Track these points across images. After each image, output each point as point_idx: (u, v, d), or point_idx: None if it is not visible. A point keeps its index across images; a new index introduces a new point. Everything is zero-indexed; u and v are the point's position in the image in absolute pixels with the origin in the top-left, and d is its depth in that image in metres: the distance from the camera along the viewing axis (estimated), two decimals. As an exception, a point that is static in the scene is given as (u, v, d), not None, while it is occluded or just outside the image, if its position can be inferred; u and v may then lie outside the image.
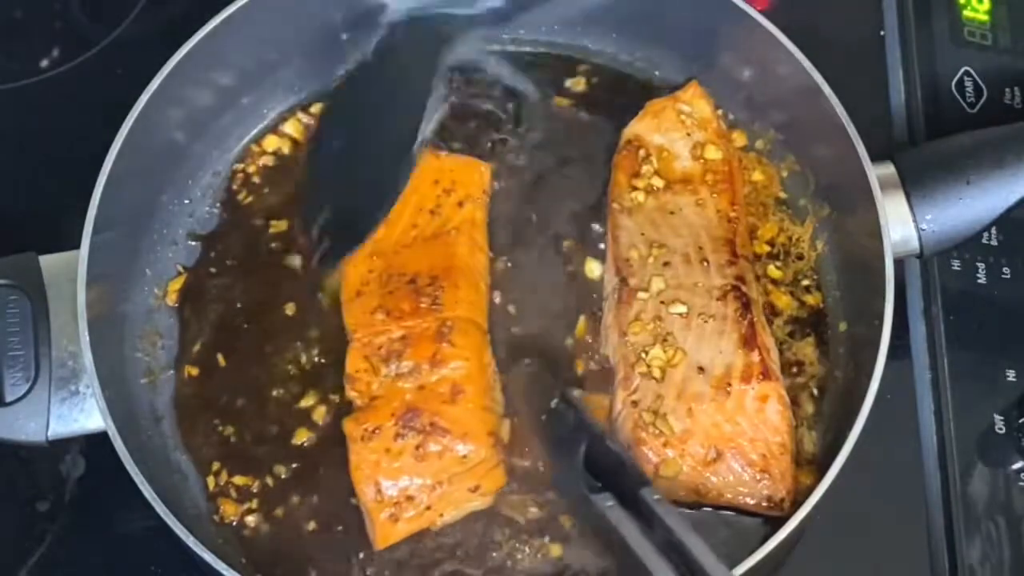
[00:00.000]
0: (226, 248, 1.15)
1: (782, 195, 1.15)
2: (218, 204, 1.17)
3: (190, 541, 0.94)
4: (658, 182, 1.11)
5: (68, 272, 1.02)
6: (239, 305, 1.12)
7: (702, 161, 1.12)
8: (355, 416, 1.02)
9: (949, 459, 1.09)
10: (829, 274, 1.12)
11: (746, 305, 1.04)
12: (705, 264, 1.07)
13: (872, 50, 1.29)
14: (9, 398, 1.00)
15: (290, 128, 1.20)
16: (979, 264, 1.16)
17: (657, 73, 1.21)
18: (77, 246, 1.02)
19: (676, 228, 1.09)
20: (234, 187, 1.17)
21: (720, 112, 1.16)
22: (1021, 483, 1.08)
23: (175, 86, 1.09)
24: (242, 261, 1.14)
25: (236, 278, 1.13)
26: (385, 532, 1.00)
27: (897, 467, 1.10)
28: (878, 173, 1.05)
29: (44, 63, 1.30)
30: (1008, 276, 1.15)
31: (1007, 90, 1.24)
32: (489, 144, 1.17)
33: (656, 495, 0.91)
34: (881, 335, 0.99)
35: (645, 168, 1.12)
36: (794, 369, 1.09)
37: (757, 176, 1.16)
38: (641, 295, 1.06)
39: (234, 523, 1.04)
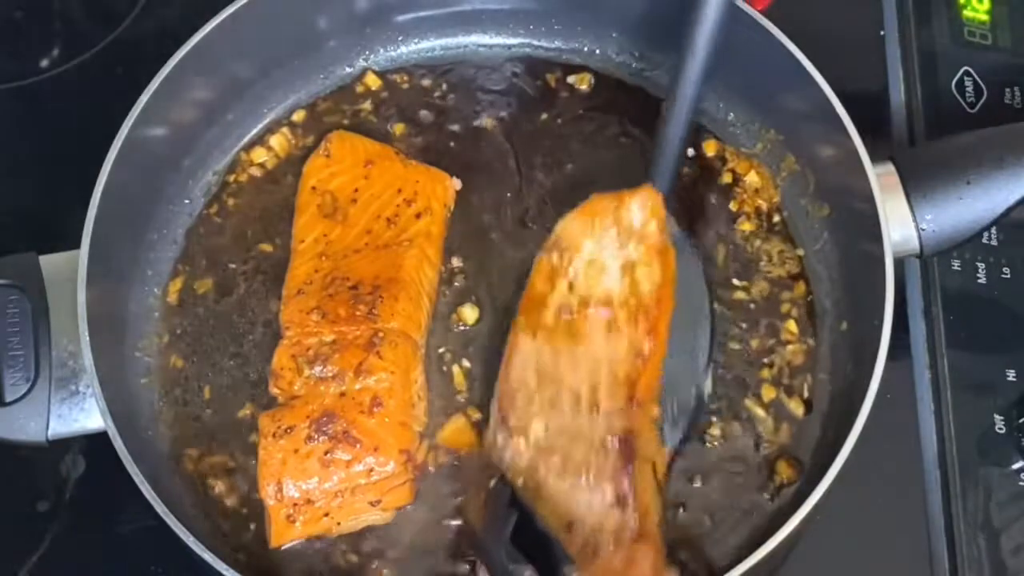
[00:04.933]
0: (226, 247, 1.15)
1: (775, 199, 1.15)
2: (218, 204, 1.17)
3: (190, 541, 0.94)
4: (572, 300, 1.02)
5: (68, 272, 1.02)
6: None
7: (628, 281, 1.02)
8: (272, 412, 1.03)
9: (949, 459, 1.09)
10: (827, 286, 1.12)
11: (628, 460, 0.97)
12: (594, 411, 0.99)
13: (872, 50, 1.29)
14: (9, 398, 1.00)
15: (297, 119, 1.20)
16: (979, 264, 1.16)
17: (656, 73, 1.21)
18: (77, 246, 1.02)
19: (577, 360, 1.01)
20: (234, 186, 1.17)
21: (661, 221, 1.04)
22: (1021, 483, 1.08)
23: (176, 85, 1.09)
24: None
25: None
26: (280, 531, 1.01)
27: (897, 467, 1.10)
28: (878, 173, 1.04)
29: (44, 63, 1.30)
30: (1008, 276, 1.15)
31: (1007, 90, 1.24)
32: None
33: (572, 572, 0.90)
34: (881, 335, 0.99)
35: (560, 284, 1.03)
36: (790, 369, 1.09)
37: (752, 178, 1.16)
38: (519, 442, 1.00)
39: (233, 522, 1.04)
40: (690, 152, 1.17)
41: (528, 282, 1.05)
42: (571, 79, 1.22)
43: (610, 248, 1.03)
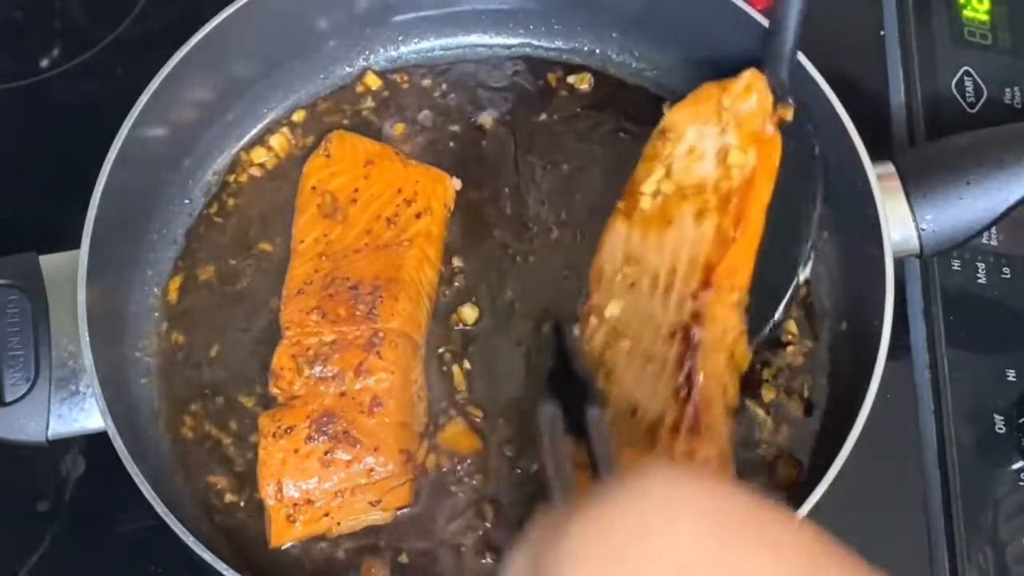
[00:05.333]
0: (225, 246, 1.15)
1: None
2: (218, 203, 1.17)
3: (190, 541, 0.94)
4: (668, 186, 1.03)
5: (68, 272, 1.02)
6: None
7: (723, 166, 1.03)
8: (272, 412, 1.03)
9: (949, 459, 1.09)
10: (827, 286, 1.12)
11: (692, 349, 0.96)
12: (668, 293, 0.99)
13: (872, 50, 1.29)
14: (9, 398, 1.00)
15: (297, 119, 1.20)
16: (979, 264, 1.16)
17: (656, 73, 1.21)
18: (77, 246, 1.02)
19: (663, 243, 1.01)
20: (234, 186, 1.17)
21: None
22: (1021, 483, 1.08)
23: (176, 85, 1.09)
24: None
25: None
26: (280, 531, 1.01)
27: (897, 467, 1.10)
28: (878, 173, 1.04)
29: (44, 63, 1.30)
30: (1008, 276, 1.15)
31: (1007, 90, 1.24)
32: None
33: (598, 414, 0.83)
34: (881, 335, 0.99)
35: (657, 169, 1.04)
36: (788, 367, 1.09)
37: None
38: (593, 320, 1.01)
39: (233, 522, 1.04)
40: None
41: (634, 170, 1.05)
42: (571, 79, 1.22)
43: (709, 134, 1.03)
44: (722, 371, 0.98)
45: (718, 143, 1.03)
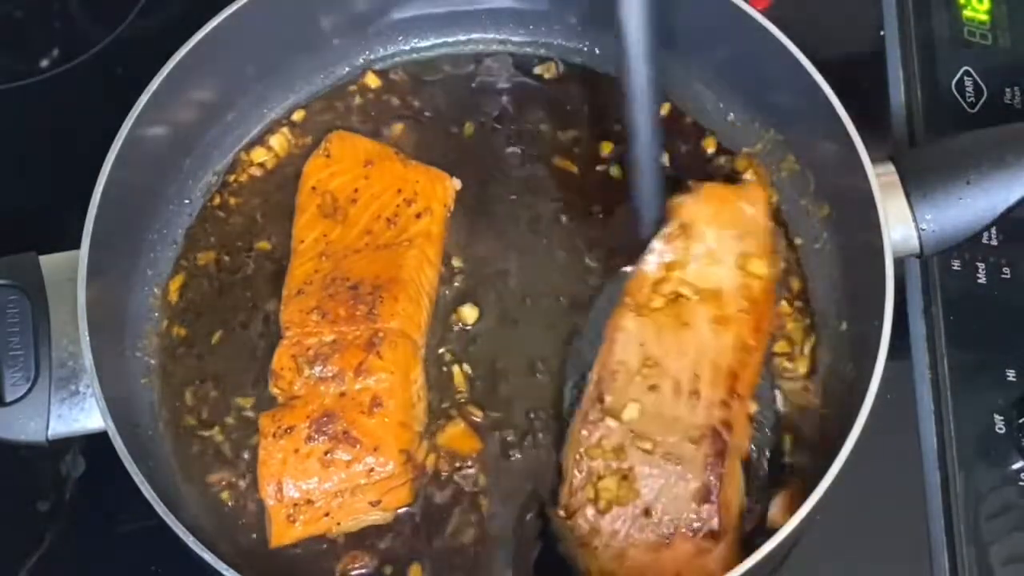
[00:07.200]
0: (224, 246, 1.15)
1: (775, 198, 1.15)
2: (218, 203, 1.17)
3: (190, 541, 0.94)
4: (683, 287, 1.04)
5: (68, 272, 1.02)
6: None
7: (743, 273, 1.05)
8: (272, 412, 1.03)
9: (949, 459, 1.09)
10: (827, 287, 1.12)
11: (720, 454, 0.98)
12: (695, 398, 1.00)
13: (872, 50, 1.29)
14: (9, 398, 1.01)
15: (297, 119, 1.20)
16: (979, 264, 1.16)
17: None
18: (77, 246, 1.02)
19: (682, 346, 1.02)
20: (235, 186, 1.17)
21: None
22: (1021, 483, 1.08)
23: (176, 85, 1.09)
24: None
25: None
26: (280, 531, 1.01)
27: (897, 467, 1.10)
28: (878, 173, 1.04)
29: (44, 63, 1.31)
30: (1008, 276, 1.15)
31: (1007, 90, 1.24)
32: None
33: None
34: (881, 335, 0.99)
35: (673, 269, 1.05)
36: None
37: (751, 177, 1.15)
38: (610, 422, 1.00)
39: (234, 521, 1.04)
40: (689, 150, 1.17)
41: (638, 263, 1.06)
42: (571, 78, 1.22)
43: (727, 238, 1.05)
44: (738, 474, 1.00)
45: (737, 249, 1.05)
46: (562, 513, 0.99)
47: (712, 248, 1.05)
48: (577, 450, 1.00)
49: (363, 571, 1.02)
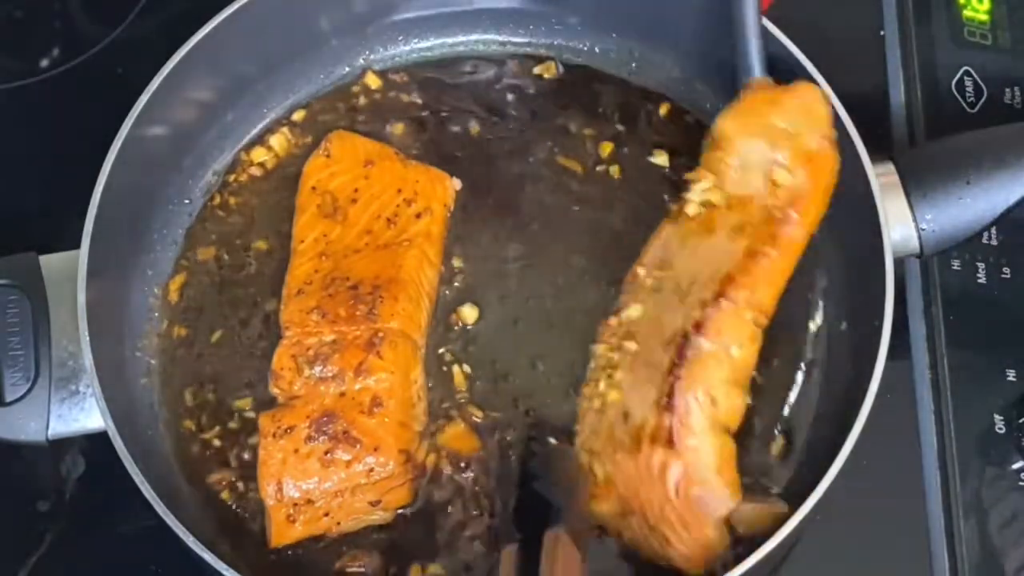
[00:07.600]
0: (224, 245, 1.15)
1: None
2: (218, 203, 1.17)
3: (190, 541, 0.94)
4: (717, 196, 1.01)
5: (68, 272, 1.02)
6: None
7: (769, 183, 1.00)
8: (272, 412, 1.03)
9: (949, 459, 1.09)
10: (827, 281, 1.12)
11: (682, 357, 0.95)
12: (684, 300, 0.98)
13: (872, 50, 1.29)
14: (9, 398, 1.01)
15: (297, 119, 1.20)
16: (979, 264, 1.16)
17: (655, 72, 1.21)
18: (77, 246, 1.02)
19: (698, 251, 1.01)
20: (235, 186, 1.17)
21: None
22: (1021, 483, 1.08)
23: (176, 85, 1.10)
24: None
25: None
26: (280, 531, 1.01)
27: (897, 467, 1.10)
28: (878, 173, 1.04)
29: (44, 63, 1.31)
30: (1008, 276, 1.15)
31: (1007, 90, 1.24)
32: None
33: None
34: (881, 335, 0.99)
35: (708, 178, 1.02)
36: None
37: None
38: (612, 319, 1.02)
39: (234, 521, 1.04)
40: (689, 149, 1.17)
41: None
42: (571, 78, 1.22)
43: (758, 148, 1.01)
44: (718, 387, 0.95)
45: (767, 159, 1.00)
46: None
47: (745, 159, 1.01)
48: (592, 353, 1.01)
49: (363, 571, 1.02)
